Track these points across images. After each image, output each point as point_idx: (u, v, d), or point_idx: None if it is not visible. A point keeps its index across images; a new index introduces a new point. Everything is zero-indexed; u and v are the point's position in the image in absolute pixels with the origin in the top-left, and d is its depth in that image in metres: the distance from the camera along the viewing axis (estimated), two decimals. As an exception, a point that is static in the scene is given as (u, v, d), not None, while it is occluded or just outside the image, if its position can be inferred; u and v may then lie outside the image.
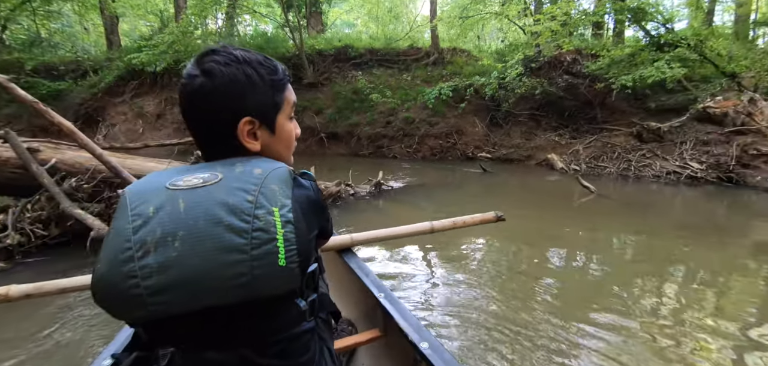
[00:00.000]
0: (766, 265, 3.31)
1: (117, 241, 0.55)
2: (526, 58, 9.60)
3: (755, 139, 6.26)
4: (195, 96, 0.66)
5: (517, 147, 9.07)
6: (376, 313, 1.33)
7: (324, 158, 9.96)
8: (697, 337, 2.14)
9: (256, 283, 0.54)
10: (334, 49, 11.23)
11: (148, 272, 0.53)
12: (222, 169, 0.61)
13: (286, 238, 0.56)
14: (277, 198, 0.58)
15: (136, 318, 0.57)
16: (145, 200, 0.58)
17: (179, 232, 0.54)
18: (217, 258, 0.53)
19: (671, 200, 5.76)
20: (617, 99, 9.52)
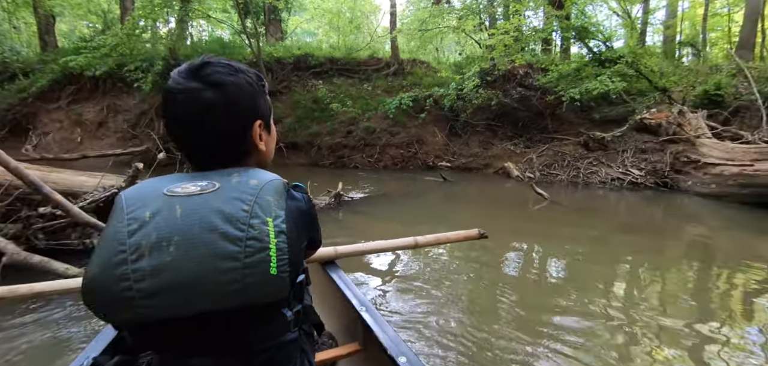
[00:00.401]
0: (696, 262, 3.64)
1: (111, 244, 0.56)
2: (482, 71, 9.95)
3: (685, 147, 6.85)
4: (205, 109, 0.66)
5: (476, 156, 9.32)
6: (356, 327, 1.32)
7: (284, 169, 9.65)
8: (645, 330, 2.26)
9: (247, 290, 0.56)
10: (293, 57, 11.00)
11: (141, 275, 0.54)
12: (219, 178, 0.63)
13: (279, 248, 0.57)
14: (271, 208, 0.59)
15: (125, 320, 0.57)
16: (142, 204, 0.58)
17: (174, 237, 0.55)
18: (210, 264, 0.55)
19: (616, 205, 6.14)
20: (566, 110, 10.13)
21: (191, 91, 0.66)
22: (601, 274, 3.22)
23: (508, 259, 3.56)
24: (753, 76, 10.25)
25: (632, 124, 7.85)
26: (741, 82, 10.04)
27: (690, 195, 6.41)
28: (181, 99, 0.66)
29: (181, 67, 0.70)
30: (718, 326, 2.31)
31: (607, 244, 4.16)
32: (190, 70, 0.68)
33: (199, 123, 0.67)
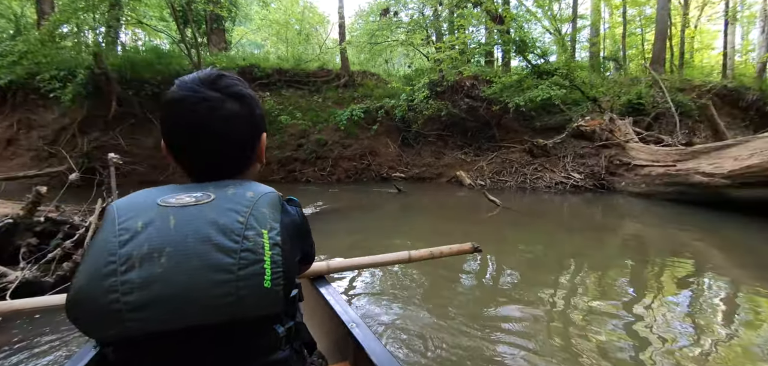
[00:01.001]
0: (630, 253, 3.92)
1: (100, 255, 0.53)
2: (431, 82, 10.16)
3: (617, 152, 7.44)
4: (226, 119, 0.66)
5: (429, 165, 9.42)
6: (346, 344, 1.27)
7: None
8: (591, 318, 2.41)
9: (240, 303, 0.54)
10: (237, 68, 10.45)
11: (130, 288, 0.52)
12: (214, 190, 0.61)
13: (273, 260, 0.56)
14: (266, 221, 0.58)
15: (111, 336, 0.54)
16: (134, 215, 0.57)
17: (166, 248, 0.53)
18: (203, 276, 0.53)
19: (561, 207, 6.45)
20: (511, 119, 10.65)
21: (212, 101, 0.65)
22: (551, 270, 3.36)
23: (463, 262, 3.52)
24: (666, 86, 11.59)
25: (570, 131, 8.40)
26: (657, 92, 11.28)
27: (624, 195, 6.93)
28: (200, 108, 0.64)
29: (190, 76, 0.68)
30: (652, 312, 2.50)
31: (555, 243, 4.30)
32: (206, 80, 0.67)
33: (216, 133, 0.66)
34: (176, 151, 0.68)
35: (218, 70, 0.69)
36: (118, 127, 9.73)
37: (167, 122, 0.67)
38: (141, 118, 9.90)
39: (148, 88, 9.88)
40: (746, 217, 4.91)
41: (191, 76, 0.68)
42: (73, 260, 2.50)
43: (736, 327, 2.34)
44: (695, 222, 5.08)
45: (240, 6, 15.02)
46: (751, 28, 20.22)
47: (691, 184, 5.78)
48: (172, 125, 0.67)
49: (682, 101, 11.09)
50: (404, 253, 1.84)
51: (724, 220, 4.99)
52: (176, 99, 0.65)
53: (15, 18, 13.33)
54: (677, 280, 3.17)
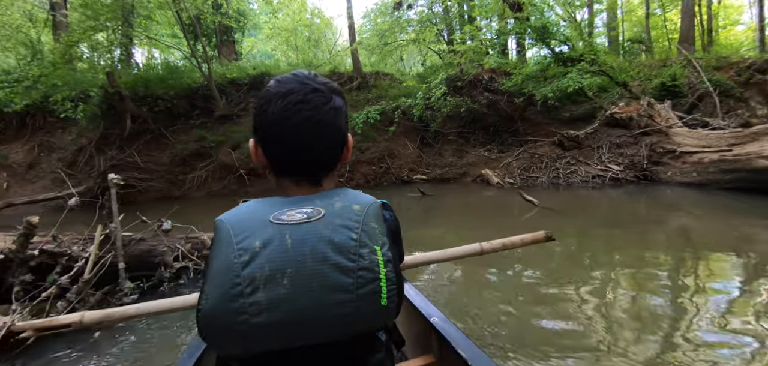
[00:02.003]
0: (695, 249, 3.56)
1: (226, 276, 0.54)
2: (448, 78, 9.70)
3: (659, 139, 6.82)
4: (335, 114, 0.68)
5: (451, 165, 8.95)
6: (428, 338, 1.24)
7: (247, 197, 8.79)
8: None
9: (359, 321, 0.56)
10: (248, 78, 10.25)
11: (258, 310, 0.53)
12: (321, 203, 0.61)
13: (388, 278, 0.57)
14: (377, 236, 0.59)
15: (239, 353, 0.57)
16: (250, 234, 0.57)
17: (288, 270, 0.54)
18: (325, 296, 0.54)
19: (603, 202, 5.90)
20: (534, 112, 10.09)
21: (323, 92, 0.67)
22: (607, 272, 3.03)
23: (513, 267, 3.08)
24: (701, 66, 10.79)
25: (603, 119, 7.80)
26: (692, 73, 10.51)
27: (671, 185, 6.32)
28: (314, 99, 0.65)
29: (285, 76, 0.68)
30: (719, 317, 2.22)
31: (611, 244, 3.80)
32: (305, 78, 0.68)
33: (327, 124, 0.67)
34: (275, 147, 0.67)
35: (306, 72, 0.69)
36: (134, 144, 9.62)
37: (269, 115, 0.65)
38: (156, 134, 9.78)
39: (161, 104, 9.76)
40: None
41: (289, 74, 0.68)
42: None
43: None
44: (763, 211, 4.48)
45: (248, 16, 14.91)
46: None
47: (753, 169, 5.15)
48: (279, 118, 0.65)
49: (720, 80, 10.31)
50: (476, 246, 1.78)
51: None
52: (284, 92, 0.65)
53: (31, 44, 13.54)
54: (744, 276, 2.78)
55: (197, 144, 9.42)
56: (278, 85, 0.66)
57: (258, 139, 0.69)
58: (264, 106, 0.66)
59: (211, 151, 9.33)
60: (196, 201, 8.73)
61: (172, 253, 2.80)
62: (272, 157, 0.68)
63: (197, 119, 9.73)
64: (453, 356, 1.03)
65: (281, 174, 0.69)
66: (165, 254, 2.76)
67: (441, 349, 1.16)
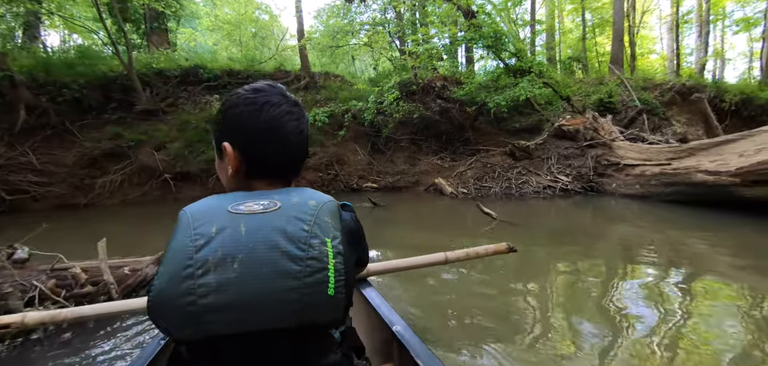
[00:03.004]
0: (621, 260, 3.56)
1: (179, 258, 0.56)
2: (401, 83, 9.35)
3: (604, 151, 6.99)
4: (305, 126, 0.76)
5: (403, 173, 8.56)
6: (390, 348, 1.21)
7: (173, 205, 7.62)
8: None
9: (305, 310, 0.57)
10: (179, 70, 9.05)
11: (206, 291, 0.54)
12: (279, 197, 0.64)
13: (337, 269, 0.59)
14: (329, 229, 0.61)
15: (187, 335, 0.57)
16: (207, 221, 0.59)
17: (239, 255, 0.56)
18: (273, 282, 0.56)
19: (552, 213, 5.80)
20: (484, 122, 10.11)
21: (300, 108, 0.76)
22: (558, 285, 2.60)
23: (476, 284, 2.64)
24: (631, 85, 11.62)
25: (551, 131, 7.90)
26: (623, 91, 11.28)
27: (616, 197, 6.45)
28: (296, 112, 0.74)
29: (261, 85, 0.73)
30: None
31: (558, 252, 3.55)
32: (282, 90, 0.75)
33: (303, 135, 0.75)
34: (262, 151, 0.71)
35: (274, 84, 0.75)
36: (29, 141, 7.97)
37: (261, 122, 0.70)
38: (59, 130, 8.20)
39: (67, 94, 8.22)
40: (756, 217, 4.49)
41: (264, 84, 0.74)
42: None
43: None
44: (701, 223, 4.59)
45: (185, 4, 13.45)
46: (685, 33, 21.67)
47: (692, 183, 5.34)
48: (272, 125, 0.70)
49: (648, 99, 11.17)
50: (441, 255, 1.83)
51: (734, 220, 4.54)
52: (275, 102, 0.71)
53: None
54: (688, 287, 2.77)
55: (112, 143, 8.04)
56: (263, 94, 0.71)
57: (234, 142, 0.71)
58: (253, 112, 0.69)
59: (129, 151, 8.01)
60: (108, 210, 7.38)
61: (22, 294, 1.95)
62: (254, 161, 0.71)
63: (113, 113, 8.33)
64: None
65: (257, 176, 0.73)
66: (9, 296, 1.90)
67: (401, 358, 1.14)
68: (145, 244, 3.44)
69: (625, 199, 6.25)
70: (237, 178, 0.73)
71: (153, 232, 5.51)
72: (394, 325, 1.19)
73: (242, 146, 0.70)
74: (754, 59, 22.38)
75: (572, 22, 20.61)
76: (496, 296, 2.74)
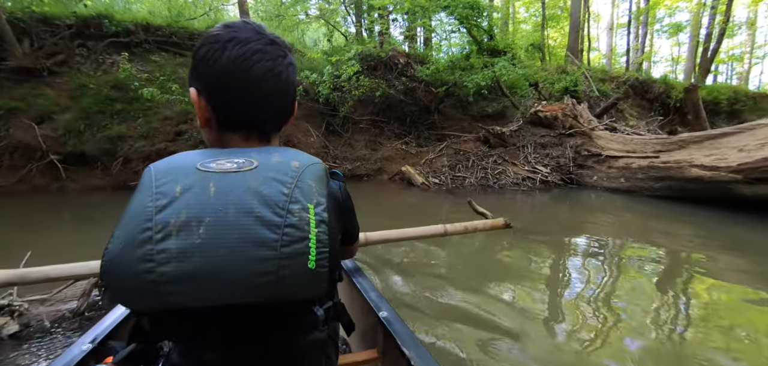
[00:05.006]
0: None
1: (136, 220, 0.48)
2: (362, 53, 8.13)
3: (583, 141, 6.45)
4: (290, 68, 0.65)
5: (363, 159, 7.42)
6: (375, 333, 1.18)
7: (61, 198, 5.77)
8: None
9: (281, 283, 0.49)
10: (74, 18, 6.95)
11: (166, 258, 0.47)
12: (257, 156, 0.55)
13: (319, 239, 0.50)
14: (313, 194, 0.53)
15: (146, 306, 0.50)
16: (172, 179, 0.51)
17: (206, 218, 0.48)
18: (243, 251, 0.48)
19: (539, 207, 5.08)
20: (448, 105, 9.29)
21: (280, 49, 0.63)
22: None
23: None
24: (590, 76, 11.53)
25: (528, 116, 7.25)
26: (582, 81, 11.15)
27: (597, 190, 5.93)
28: (272, 51, 0.61)
29: (235, 23, 0.62)
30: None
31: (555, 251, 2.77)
32: (259, 28, 0.62)
33: (282, 82, 0.63)
34: (228, 97, 0.60)
35: (251, 21, 0.64)
36: None
37: (223, 62, 0.58)
38: None
39: None
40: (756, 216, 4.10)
41: (238, 21, 0.62)
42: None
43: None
44: (701, 222, 4.11)
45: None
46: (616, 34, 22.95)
47: (686, 178, 4.88)
48: (236, 67, 0.58)
49: (606, 91, 11.16)
50: (439, 227, 1.88)
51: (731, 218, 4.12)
52: (241, 39, 0.59)
53: None
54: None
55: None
56: (230, 30, 0.60)
57: (201, 87, 0.61)
58: (215, 51, 0.59)
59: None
60: (-38, 202, 5.36)
61: None
62: (220, 109, 0.61)
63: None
64: (396, 353, 0.99)
65: (228, 128, 0.62)
66: None
67: (385, 344, 1.11)
68: (18, 257, 2.11)
69: (608, 193, 5.75)
70: (210, 131, 0.63)
71: (33, 239, 3.91)
72: (381, 311, 1.13)
73: (207, 91, 0.60)
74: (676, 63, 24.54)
75: (527, 12, 20.66)
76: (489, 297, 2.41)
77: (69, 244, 3.73)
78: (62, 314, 1.95)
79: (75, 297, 2.07)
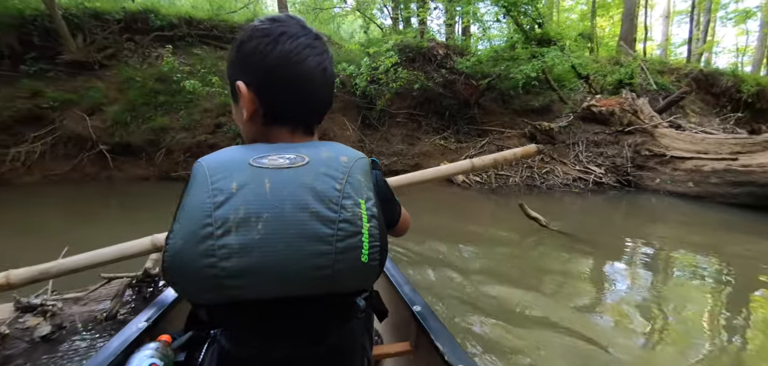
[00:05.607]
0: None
1: (196, 215, 0.49)
2: (401, 44, 7.85)
3: (644, 140, 5.83)
4: (330, 66, 0.64)
5: (401, 154, 7.17)
6: (407, 326, 1.18)
7: (109, 187, 6.00)
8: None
9: (336, 277, 0.51)
10: (123, 13, 7.19)
11: (227, 253, 0.48)
12: (307, 151, 0.56)
13: (371, 234, 0.52)
14: (362, 189, 0.54)
15: (207, 299, 0.52)
16: (226, 175, 0.52)
17: (264, 214, 0.50)
18: (300, 246, 0.49)
19: (599, 213, 4.61)
20: (489, 100, 8.82)
21: (324, 43, 0.63)
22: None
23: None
24: (647, 68, 10.56)
25: (579, 112, 6.69)
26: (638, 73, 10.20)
27: (660, 195, 5.33)
28: (318, 52, 0.62)
29: (279, 16, 0.62)
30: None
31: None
32: (303, 23, 0.63)
33: (328, 75, 0.64)
34: (279, 90, 0.60)
35: (292, 14, 0.64)
36: None
37: (276, 56, 0.59)
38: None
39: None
40: None
41: (282, 15, 0.63)
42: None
43: None
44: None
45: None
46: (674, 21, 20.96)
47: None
48: (289, 60, 0.59)
49: (665, 84, 10.16)
50: (467, 163, 1.79)
51: None
52: (291, 34, 0.60)
53: None
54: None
55: (29, 102, 6.24)
56: (279, 25, 0.60)
57: (251, 80, 0.60)
58: (267, 45, 0.59)
59: (53, 114, 6.25)
60: (23, 190, 5.69)
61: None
62: (269, 102, 0.61)
63: (32, 65, 6.48)
64: (429, 347, 0.97)
65: (276, 121, 0.62)
66: None
67: (418, 338, 1.12)
68: (71, 242, 2.09)
69: (673, 198, 5.15)
70: (254, 125, 0.62)
71: (81, 225, 4.07)
72: (415, 305, 1.12)
73: (257, 85, 0.60)
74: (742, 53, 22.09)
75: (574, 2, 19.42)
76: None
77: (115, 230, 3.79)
78: (95, 316, 1.87)
79: (109, 296, 2.00)
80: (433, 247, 3.22)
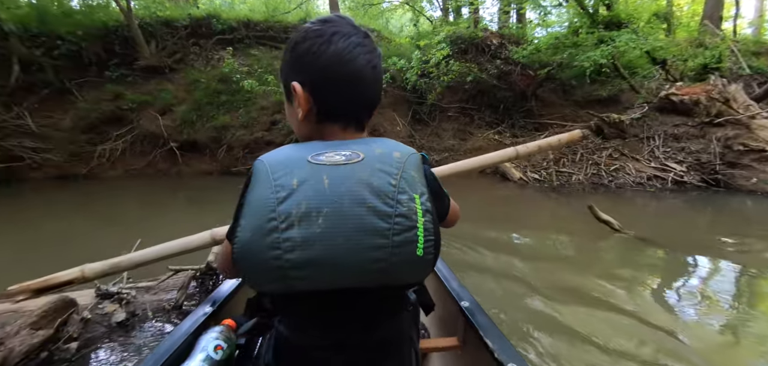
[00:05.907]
0: None
1: (261, 210, 0.52)
2: (453, 35, 7.59)
3: (737, 132, 5.06)
4: (380, 63, 0.66)
5: (452, 150, 6.95)
6: (455, 321, 1.20)
7: (177, 181, 6.49)
8: None
9: (391, 270, 0.53)
10: (189, 19, 7.72)
11: (291, 246, 0.51)
12: (361, 148, 0.58)
13: (426, 228, 0.54)
14: (416, 185, 0.56)
15: (273, 289, 0.56)
16: (287, 171, 0.54)
17: (324, 209, 0.52)
18: (358, 240, 0.52)
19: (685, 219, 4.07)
20: (547, 91, 8.24)
21: (372, 41, 0.65)
22: None
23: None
24: (738, 50, 9.19)
25: (655, 102, 5.99)
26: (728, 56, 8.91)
27: (757, 196, 4.60)
28: (369, 49, 0.63)
29: (329, 17, 0.64)
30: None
31: None
32: (352, 22, 0.64)
33: (379, 73, 0.66)
34: (333, 88, 0.62)
35: (343, 16, 0.66)
36: (26, 101, 7.02)
37: (330, 55, 0.60)
38: (56, 88, 7.19)
39: (63, 47, 7.13)
40: None
41: (332, 15, 0.65)
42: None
43: None
44: None
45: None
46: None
47: None
48: (342, 59, 0.60)
49: (762, 67, 8.79)
50: (511, 150, 1.75)
51: None
52: (344, 33, 0.61)
53: None
54: None
55: (112, 104, 6.94)
56: (331, 25, 0.62)
57: (305, 80, 0.62)
58: (321, 45, 0.60)
59: (132, 114, 6.89)
60: (109, 183, 6.35)
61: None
62: (323, 101, 0.62)
63: (114, 71, 7.19)
64: (478, 343, 0.97)
65: (329, 119, 0.64)
66: None
67: (466, 333, 1.11)
68: (145, 231, 2.34)
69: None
70: (308, 123, 0.64)
71: (154, 215, 4.44)
72: (463, 301, 1.12)
73: (312, 84, 0.62)
74: None
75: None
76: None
77: (182, 222, 4.05)
78: (163, 306, 1.98)
79: (176, 287, 2.12)
80: (483, 250, 3.05)
